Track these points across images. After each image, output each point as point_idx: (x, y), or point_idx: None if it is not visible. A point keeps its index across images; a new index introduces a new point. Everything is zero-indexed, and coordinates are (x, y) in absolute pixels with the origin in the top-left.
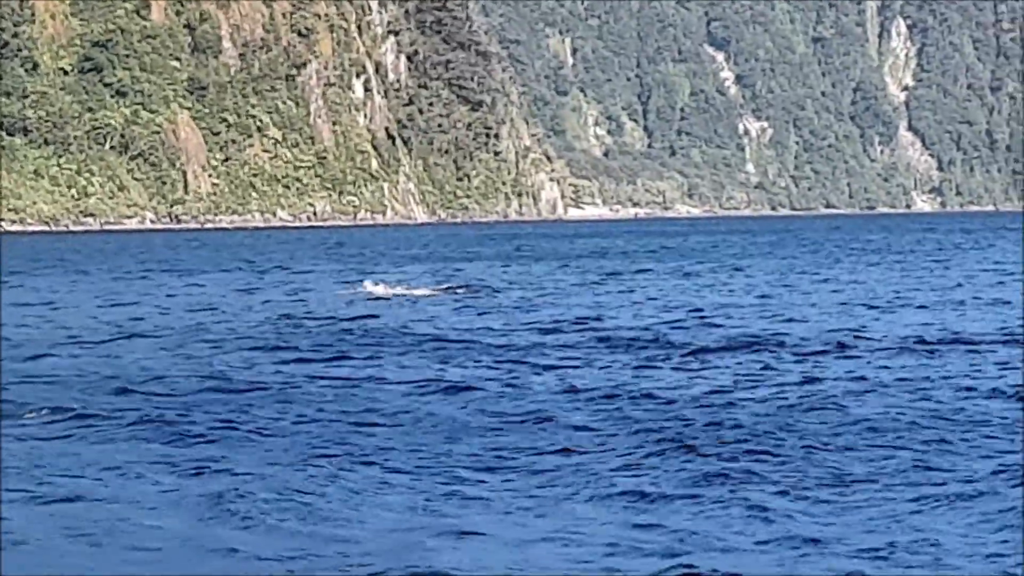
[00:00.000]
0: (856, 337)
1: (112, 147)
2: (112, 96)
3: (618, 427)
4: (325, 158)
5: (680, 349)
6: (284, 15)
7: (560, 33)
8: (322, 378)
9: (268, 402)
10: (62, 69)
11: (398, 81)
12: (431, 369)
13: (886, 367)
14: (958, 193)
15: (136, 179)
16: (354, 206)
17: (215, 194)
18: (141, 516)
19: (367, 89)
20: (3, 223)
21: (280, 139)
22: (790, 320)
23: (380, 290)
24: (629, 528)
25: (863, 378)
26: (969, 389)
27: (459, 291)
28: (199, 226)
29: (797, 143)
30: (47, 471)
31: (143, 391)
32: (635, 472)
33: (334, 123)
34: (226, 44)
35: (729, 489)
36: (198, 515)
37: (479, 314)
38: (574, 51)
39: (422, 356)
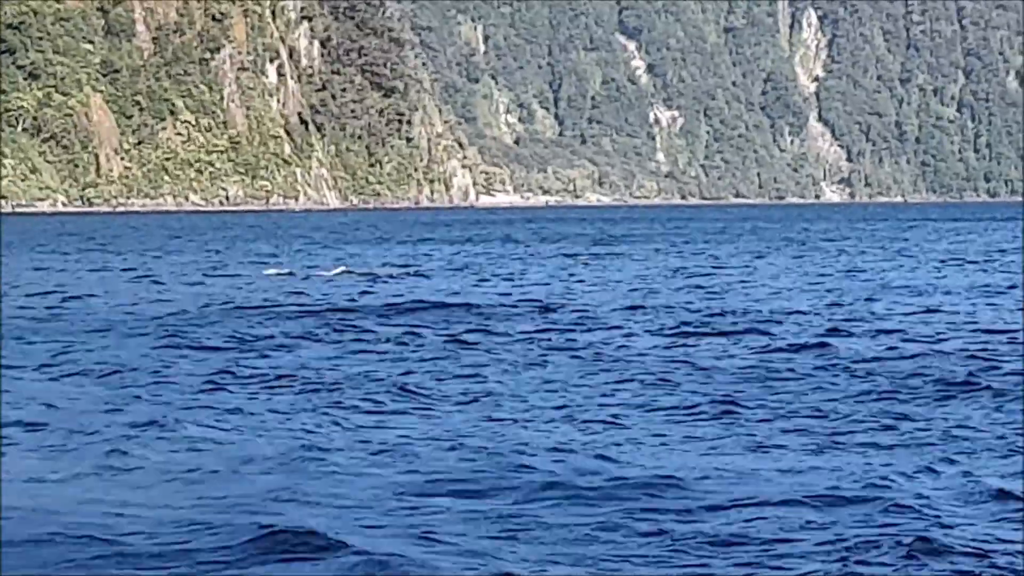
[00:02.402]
0: None
1: (24, 129)
2: (25, 78)
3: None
4: (238, 143)
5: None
6: None
7: (472, 20)
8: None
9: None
10: None
11: (311, 67)
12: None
13: None
14: (867, 184)
15: (48, 162)
16: (266, 191)
17: (127, 178)
18: None
19: (280, 74)
20: None
21: (193, 123)
22: None
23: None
24: None
25: None
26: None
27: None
28: (111, 210)
29: (708, 133)
30: None
31: None
32: None
33: (247, 108)
34: (140, 27)
35: None
36: None
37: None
38: (486, 38)
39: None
